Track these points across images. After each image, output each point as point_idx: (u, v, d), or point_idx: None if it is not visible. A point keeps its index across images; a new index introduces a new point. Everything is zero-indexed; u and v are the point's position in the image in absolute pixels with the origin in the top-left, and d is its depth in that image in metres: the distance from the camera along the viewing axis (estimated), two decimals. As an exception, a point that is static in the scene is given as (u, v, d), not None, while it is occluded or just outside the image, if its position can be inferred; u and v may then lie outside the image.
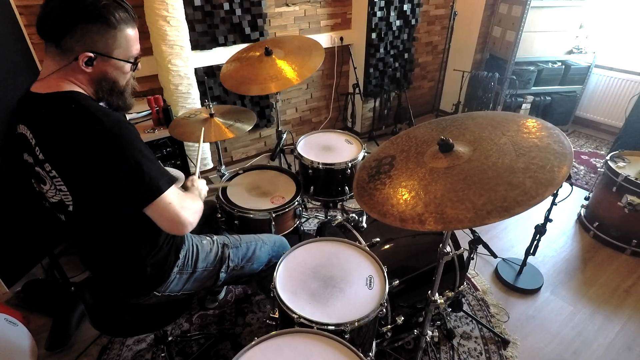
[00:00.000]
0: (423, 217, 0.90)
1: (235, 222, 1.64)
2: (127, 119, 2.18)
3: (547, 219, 1.84)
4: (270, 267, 1.40)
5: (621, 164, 2.27)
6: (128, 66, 0.98)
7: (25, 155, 0.98)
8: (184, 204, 0.98)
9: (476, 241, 1.54)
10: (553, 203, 1.77)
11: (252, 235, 1.45)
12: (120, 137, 0.88)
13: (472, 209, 0.85)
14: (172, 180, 0.97)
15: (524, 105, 3.69)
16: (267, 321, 1.27)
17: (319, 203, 2.45)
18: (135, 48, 0.98)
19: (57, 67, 0.90)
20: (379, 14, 3.14)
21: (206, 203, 1.67)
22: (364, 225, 1.57)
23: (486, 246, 1.56)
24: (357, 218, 1.61)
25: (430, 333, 1.43)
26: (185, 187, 1.20)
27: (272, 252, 1.42)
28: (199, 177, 1.28)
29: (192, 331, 1.80)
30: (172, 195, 0.95)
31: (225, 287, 1.97)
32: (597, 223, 2.37)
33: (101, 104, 0.99)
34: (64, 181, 0.93)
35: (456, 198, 0.90)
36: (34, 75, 1.97)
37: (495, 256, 1.63)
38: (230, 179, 1.85)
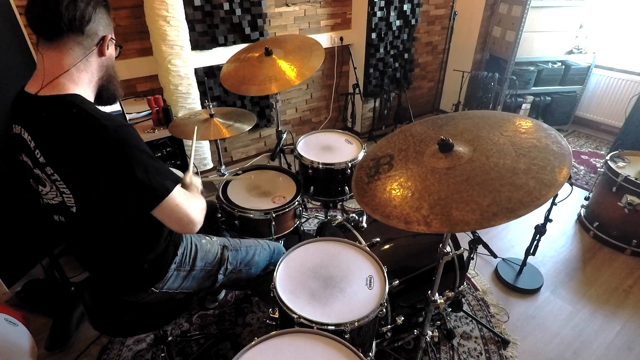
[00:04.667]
0: (428, 218, 0.89)
1: (236, 222, 1.64)
2: (127, 119, 2.18)
3: (547, 219, 1.84)
4: (267, 273, 1.41)
5: (621, 164, 2.27)
6: (118, 50, 1.04)
7: (23, 156, 0.97)
8: (190, 203, 1.00)
9: (476, 241, 1.54)
10: (553, 203, 1.77)
11: (252, 239, 1.45)
12: (124, 141, 0.88)
13: (477, 211, 0.85)
14: (178, 180, 0.98)
15: (524, 106, 3.69)
16: (267, 321, 1.28)
17: (319, 203, 2.45)
18: None
19: (76, 57, 0.91)
20: (379, 14, 3.14)
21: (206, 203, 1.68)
22: (364, 225, 1.57)
23: (486, 246, 1.56)
24: (357, 218, 1.61)
25: (430, 333, 1.43)
26: (184, 185, 1.20)
27: (271, 259, 1.43)
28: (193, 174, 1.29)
29: (192, 331, 1.80)
30: (179, 196, 0.96)
31: (225, 287, 1.97)
32: (597, 223, 2.37)
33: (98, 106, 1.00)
34: (67, 184, 0.93)
35: (460, 199, 0.89)
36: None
37: (495, 256, 1.63)
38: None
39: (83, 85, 0.94)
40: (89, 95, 0.96)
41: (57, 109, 0.88)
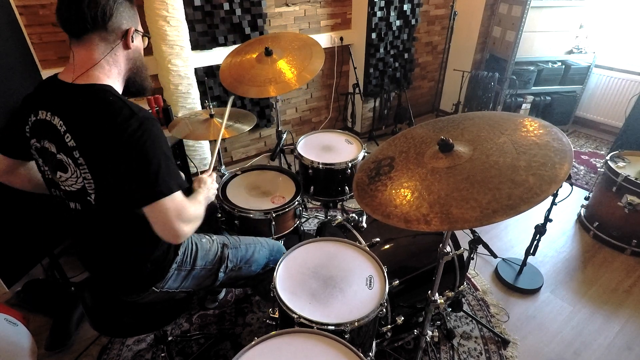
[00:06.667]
0: (428, 217, 0.89)
1: (236, 222, 1.64)
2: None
3: (547, 219, 1.84)
4: (267, 271, 1.41)
5: (621, 164, 2.27)
6: (146, 40, 1.07)
7: (45, 142, 0.98)
8: (183, 214, 0.96)
9: (476, 241, 1.54)
10: (553, 203, 1.77)
11: (251, 237, 1.45)
12: (149, 131, 0.91)
13: (477, 208, 0.85)
14: (182, 186, 0.97)
15: (524, 105, 3.69)
16: (267, 321, 1.28)
17: (319, 203, 2.45)
18: None
19: (102, 52, 0.95)
20: (379, 14, 3.14)
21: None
22: (364, 225, 1.57)
23: (486, 246, 1.56)
24: (357, 218, 1.61)
25: (430, 333, 1.43)
26: (191, 190, 1.19)
27: (270, 256, 1.43)
28: (210, 174, 1.28)
29: (192, 331, 1.80)
30: (174, 202, 0.94)
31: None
32: (597, 223, 2.37)
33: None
34: (90, 169, 0.94)
35: (460, 197, 0.89)
36: (34, 76, 1.99)
37: (495, 256, 1.63)
38: (231, 178, 1.85)
39: (113, 78, 0.99)
40: (119, 87, 1.01)
41: (94, 95, 0.93)
